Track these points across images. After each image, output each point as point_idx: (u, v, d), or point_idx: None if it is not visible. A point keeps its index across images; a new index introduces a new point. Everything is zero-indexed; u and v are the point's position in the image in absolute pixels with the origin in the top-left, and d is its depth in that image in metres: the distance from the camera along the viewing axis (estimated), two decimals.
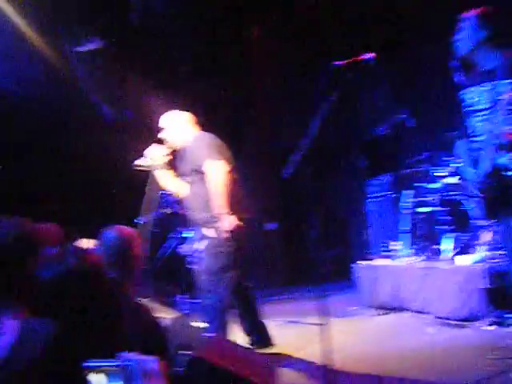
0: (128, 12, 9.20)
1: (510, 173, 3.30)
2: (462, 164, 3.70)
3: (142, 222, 8.86)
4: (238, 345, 3.76)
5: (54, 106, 9.13)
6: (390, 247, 7.42)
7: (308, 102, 3.99)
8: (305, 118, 4.31)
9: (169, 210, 8.81)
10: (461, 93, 3.76)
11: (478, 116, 3.52)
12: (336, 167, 11.20)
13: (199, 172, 5.00)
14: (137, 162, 5.28)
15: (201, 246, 5.15)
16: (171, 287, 9.68)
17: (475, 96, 3.55)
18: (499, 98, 3.24)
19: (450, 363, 4.23)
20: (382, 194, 8.43)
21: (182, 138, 5.26)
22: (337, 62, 3.57)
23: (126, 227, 3.08)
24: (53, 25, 8.67)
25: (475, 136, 3.57)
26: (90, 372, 1.25)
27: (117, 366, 1.25)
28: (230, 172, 4.97)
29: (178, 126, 5.31)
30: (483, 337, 4.91)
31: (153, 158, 5.24)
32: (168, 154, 5.25)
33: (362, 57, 3.59)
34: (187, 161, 5.16)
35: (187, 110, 5.49)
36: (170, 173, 5.33)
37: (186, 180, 5.24)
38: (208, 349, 3.49)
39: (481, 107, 3.49)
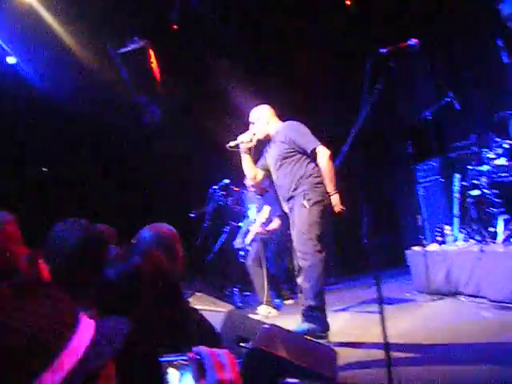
0: (168, 11, 9.29)
1: None
2: None
3: (194, 216, 9.01)
4: (296, 334, 3.80)
5: (97, 109, 9.31)
6: (443, 232, 7.36)
7: (355, 90, 3.97)
8: (352, 106, 4.32)
9: (221, 204, 8.93)
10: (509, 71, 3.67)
11: None
12: (385, 154, 11.15)
13: (296, 154, 5.79)
14: (230, 144, 5.99)
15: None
16: (223, 281, 9.80)
17: None
18: None
19: (508, 347, 4.19)
20: (432, 178, 8.37)
21: (271, 129, 6.07)
22: (381, 50, 3.57)
23: (163, 224, 3.08)
24: (96, 28, 8.82)
25: None
26: (167, 366, 1.30)
27: (188, 359, 1.29)
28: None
29: (266, 119, 6.10)
30: None
31: (243, 141, 5.99)
32: (252, 141, 6.01)
33: (406, 43, 3.58)
34: (279, 147, 5.87)
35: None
36: (250, 158, 6.10)
37: (276, 164, 5.95)
38: (266, 340, 3.53)
39: None
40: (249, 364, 3.23)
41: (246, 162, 6.13)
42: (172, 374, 1.28)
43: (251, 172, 6.21)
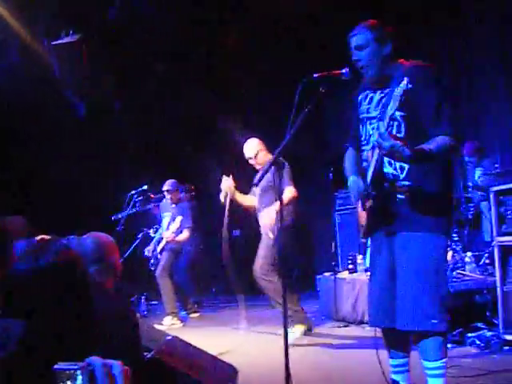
0: (108, 6, 9.16)
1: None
2: None
3: (116, 219, 8.88)
4: (198, 348, 3.76)
5: (29, 98, 9.07)
6: (355, 260, 7.48)
7: (282, 113, 3.98)
8: (277, 129, 4.34)
9: (136, 210, 8.83)
10: None
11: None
12: (306, 179, 11.26)
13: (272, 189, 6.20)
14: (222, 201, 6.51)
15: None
16: (130, 288, 9.67)
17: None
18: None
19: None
20: (349, 207, 8.50)
21: (264, 162, 6.43)
22: (314, 75, 3.59)
23: (101, 234, 3.03)
24: (32, 16, 8.62)
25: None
26: (59, 375, 1.25)
27: (80, 368, 1.25)
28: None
29: (265, 151, 6.65)
30: None
31: (226, 190, 6.48)
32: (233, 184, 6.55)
33: (339, 71, 3.61)
34: (267, 178, 5.96)
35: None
36: (237, 201, 6.62)
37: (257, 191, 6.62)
38: (167, 351, 3.48)
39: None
40: (145, 375, 3.17)
41: (240, 203, 6.69)
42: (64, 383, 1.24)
43: (245, 202, 6.78)
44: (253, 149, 6.66)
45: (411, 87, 3.10)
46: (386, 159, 3.29)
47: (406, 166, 3.26)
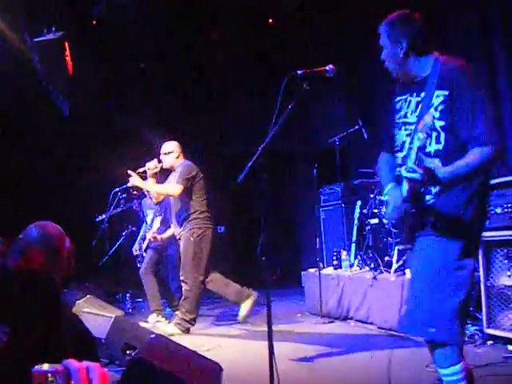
0: (91, 4, 9.10)
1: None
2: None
3: (100, 219, 8.85)
4: (183, 346, 3.74)
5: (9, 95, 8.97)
6: (339, 256, 7.48)
7: (266, 109, 3.97)
8: (262, 125, 4.32)
9: (121, 208, 8.79)
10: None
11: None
12: (290, 174, 11.28)
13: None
14: (139, 170, 7.10)
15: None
16: (116, 285, 9.64)
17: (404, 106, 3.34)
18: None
19: (389, 374, 4.27)
20: (334, 203, 8.52)
21: (177, 163, 7.21)
22: (298, 71, 3.58)
23: (49, 222, 2.94)
24: (14, 12, 8.53)
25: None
26: (37, 377, 1.24)
27: (56, 372, 1.23)
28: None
29: (177, 154, 7.24)
30: (423, 349, 4.97)
31: (150, 167, 7.16)
32: (157, 169, 7.22)
33: (323, 68, 3.61)
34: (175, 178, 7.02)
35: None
36: (154, 181, 7.25)
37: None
38: (151, 349, 3.46)
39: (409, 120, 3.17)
40: (129, 373, 3.15)
41: (151, 184, 7.23)
42: None
43: (155, 193, 7.74)
44: (169, 147, 7.27)
45: (447, 94, 2.96)
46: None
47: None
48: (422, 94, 3.11)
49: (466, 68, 3.05)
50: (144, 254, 8.04)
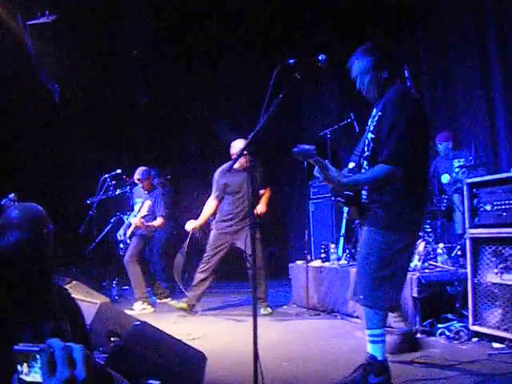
0: None
1: None
2: None
3: (90, 202, 8.81)
4: (167, 334, 3.73)
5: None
6: (327, 249, 7.48)
7: (256, 99, 3.93)
8: (252, 115, 4.30)
9: (110, 195, 8.76)
10: None
11: None
12: (281, 166, 11.26)
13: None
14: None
15: None
16: (102, 272, 9.61)
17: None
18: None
19: None
20: (323, 196, 8.52)
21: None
22: (289, 60, 3.54)
23: (32, 204, 2.89)
24: None
25: None
26: (19, 356, 1.21)
27: (40, 350, 1.21)
28: None
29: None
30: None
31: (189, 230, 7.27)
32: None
33: (315, 57, 3.58)
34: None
35: None
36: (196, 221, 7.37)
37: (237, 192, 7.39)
38: (135, 337, 3.45)
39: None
40: (113, 360, 3.14)
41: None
42: (23, 365, 1.20)
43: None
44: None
45: (380, 115, 3.71)
46: None
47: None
48: (374, 112, 3.90)
49: (399, 96, 3.71)
50: (128, 241, 7.99)
